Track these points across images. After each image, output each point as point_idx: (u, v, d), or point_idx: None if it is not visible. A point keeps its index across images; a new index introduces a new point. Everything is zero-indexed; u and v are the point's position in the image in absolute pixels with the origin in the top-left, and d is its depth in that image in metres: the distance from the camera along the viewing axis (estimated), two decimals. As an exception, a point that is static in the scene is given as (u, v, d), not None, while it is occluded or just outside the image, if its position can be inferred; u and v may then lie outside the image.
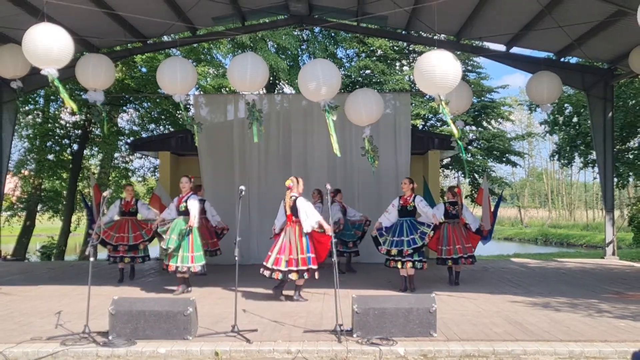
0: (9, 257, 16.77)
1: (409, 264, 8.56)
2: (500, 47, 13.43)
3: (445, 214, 9.38)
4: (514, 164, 25.25)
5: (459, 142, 9.06)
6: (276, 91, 21.40)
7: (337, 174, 13.04)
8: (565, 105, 19.64)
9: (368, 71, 22.52)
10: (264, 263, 8.01)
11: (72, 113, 18.60)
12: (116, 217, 10.16)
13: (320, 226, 7.90)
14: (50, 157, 18.72)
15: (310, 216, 7.87)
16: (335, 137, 8.86)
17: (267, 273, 7.91)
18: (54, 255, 18.90)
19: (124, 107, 20.36)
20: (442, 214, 9.24)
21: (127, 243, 9.88)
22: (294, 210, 7.93)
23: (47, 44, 7.82)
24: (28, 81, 10.74)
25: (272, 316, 6.97)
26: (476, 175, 23.33)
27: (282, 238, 7.99)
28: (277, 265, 7.87)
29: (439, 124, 23.58)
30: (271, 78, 19.90)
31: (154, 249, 17.89)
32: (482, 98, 23.56)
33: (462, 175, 22.82)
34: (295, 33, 19.72)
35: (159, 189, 13.61)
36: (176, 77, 9.53)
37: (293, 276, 7.89)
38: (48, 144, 18.64)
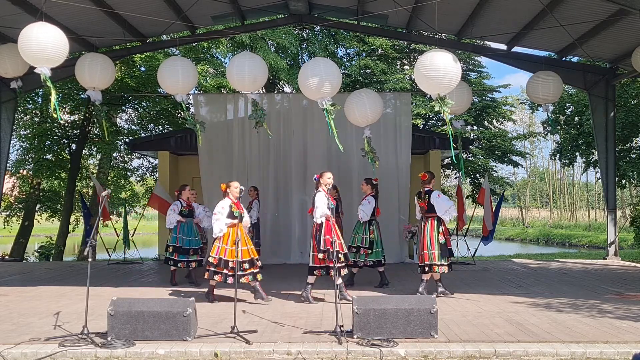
0: (7, 257, 16.76)
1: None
2: (502, 47, 13.39)
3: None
4: (516, 164, 25.20)
5: (459, 158, 9.16)
6: (276, 90, 21.37)
7: (337, 174, 12.99)
8: (567, 104, 19.60)
9: (368, 70, 22.48)
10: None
11: (71, 112, 18.56)
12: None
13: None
14: (49, 156, 18.65)
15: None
16: (337, 135, 8.84)
17: None
18: (53, 255, 18.84)
19: (123, 107, 20.31)
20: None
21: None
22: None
23: (42, 43, 7.84)
24: (27, 80, 10.72)
25: (272, 317, 6.93)
26: (477, 175, 23.27)
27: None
28: None
29: (439, 123, 23.53)
30: (271, 77, 19.85)
31: (149, 251, 17.86)
32: (484, 97, 23.51)
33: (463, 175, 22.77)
34: (295, 32, 19.68)
35: (158, 188, 13.59)
36: (178, 77, 9.50)
37: None
38: (46, 144, 18.57)
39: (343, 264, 7.87)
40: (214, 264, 7.66)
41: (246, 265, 7.68)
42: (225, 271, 7.61)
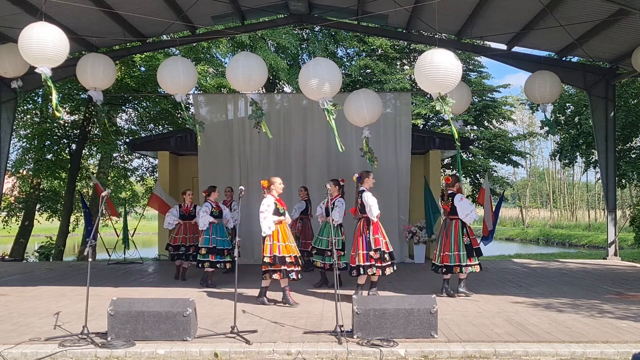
0: (7, 257, 16.75)
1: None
2: (502, 47, 13.40)
3: None
4: (516, 164, 25.20)
5: (457, 158, 9.13)
6: (276, 90, 21.37)
7: (337, 174, 12.98)
8: (567, 104, 19.59)
9: (368, 70, 22.48)
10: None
11: (71, 112, 18.53)
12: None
13: None
14: (49, 156, 18.65)
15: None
16: (337, 135, 8.85)
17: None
18: (53, 255, 18.84)
19: (123, 107, 20.31)
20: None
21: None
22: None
23: (42, 43, 7.85)
24: (27, 80, 10.73)
25: (272, 317, 6.94)
26: (477, 175, 23.27)
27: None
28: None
29: (439, 123, 23.53)
30: (271, 77, 19.85)
31: (149, 251, 17.84)
32: (484, 97, 23.50)
33: (463, 175, 22.76)
34: (295, 32, 19.68)
35: (158, 188, 13.59)
36: (177, 76, 9.50)
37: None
38: (46, 144, 18.57)
39: (389, 263, 7.95)
40: (270, 262, 7.54)
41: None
42: (283, 267, 7.54)
